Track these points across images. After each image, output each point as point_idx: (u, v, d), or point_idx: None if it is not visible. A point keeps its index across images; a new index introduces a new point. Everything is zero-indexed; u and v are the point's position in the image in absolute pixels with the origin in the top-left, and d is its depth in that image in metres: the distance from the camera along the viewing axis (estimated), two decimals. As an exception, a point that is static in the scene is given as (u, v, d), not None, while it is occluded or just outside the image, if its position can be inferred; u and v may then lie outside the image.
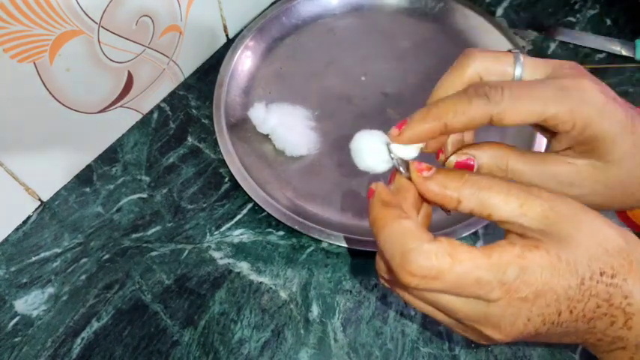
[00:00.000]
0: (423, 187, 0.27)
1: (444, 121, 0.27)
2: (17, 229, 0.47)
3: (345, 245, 0.44)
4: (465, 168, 0.29)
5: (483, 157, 0.29)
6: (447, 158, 0.30)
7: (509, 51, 0.29)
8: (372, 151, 0.29)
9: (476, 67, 0.28)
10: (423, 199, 0.28)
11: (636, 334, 0.24)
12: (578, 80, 0.27)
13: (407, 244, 0.24)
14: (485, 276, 0.23)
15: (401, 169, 0.28)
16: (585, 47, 0.60)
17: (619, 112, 0.26)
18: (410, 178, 0.28)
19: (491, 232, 0.46)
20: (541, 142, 0.49)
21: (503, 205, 0.25)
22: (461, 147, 0.30)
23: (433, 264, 0.23)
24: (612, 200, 0.29)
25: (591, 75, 0.27)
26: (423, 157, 0.29)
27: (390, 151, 0.29)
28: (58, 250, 0.46)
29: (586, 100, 0.26)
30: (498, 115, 0.26)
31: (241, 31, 0.57)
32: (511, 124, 0.26)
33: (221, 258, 0.46)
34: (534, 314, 0.24)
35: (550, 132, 0.29)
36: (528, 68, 0.28)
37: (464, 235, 0.44)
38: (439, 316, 0.27)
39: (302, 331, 0.42)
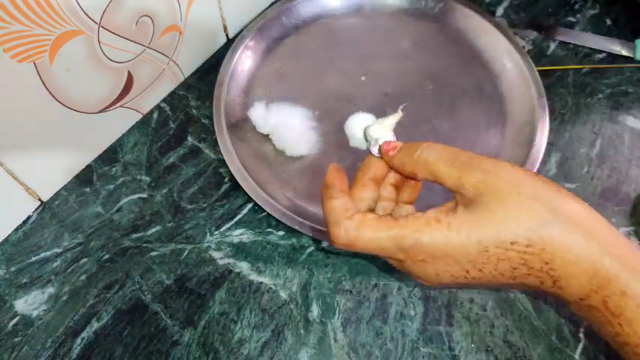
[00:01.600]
0: (390, 164, 0.33)
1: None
2: (17, 229, 0.47)
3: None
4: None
5: None
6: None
7: None
8: (356, 133, 0.36)
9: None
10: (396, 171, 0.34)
11: (570, 293, 0.27)
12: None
13: (330, 218, 0.31)
14: (386, 245, 0.29)
15: (371, 148, 0.34)
16: (585, 47, 0.60)
17: None
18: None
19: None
20: (540, 142, 0.49)
21: (447, 177, 0.29)
22: None
23: (345, 237, 0.30)
24: None
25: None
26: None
27: (365, 135, 0.35)
28: (58, 250, 0.46)
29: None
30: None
31: (241, 31, 0.57)
32: None
33: (221, 258, 0.46)
34: (440, 270, 0.29)
35: None
36: None
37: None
38: None
39: (302, 331, 0.42)
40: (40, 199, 0.48)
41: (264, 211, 0.46)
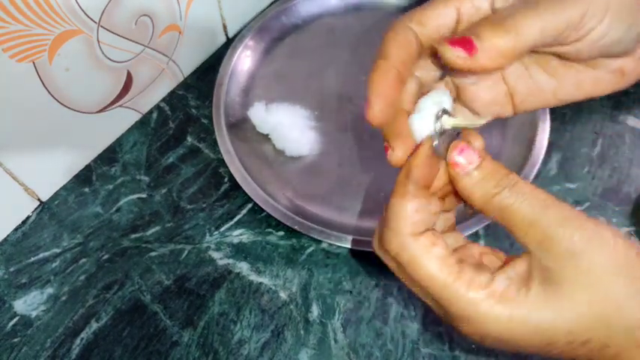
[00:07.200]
0: (457, 183, 0.25)
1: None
2: (16, 229, 0.47)
3: (346, 245, 0.44)
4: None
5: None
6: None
7: None
8: (421, 114, 0.26)
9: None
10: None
11: None
12: None
13: (391, 222, 0.25)
14: (435, 290, 0.24)
15: (437, 145, 0.25)
16: (586, 47, 0.60)
17: None
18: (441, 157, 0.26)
19: (491, 232, 0.46)
20: (541, 142, 0.48)
21: (524, 235, 0.24)
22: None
23: (397, 252, 0.26)
24: None
25: None
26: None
27: (436, 120, 0.25)
28: (57, 251, 0.46)
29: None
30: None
31: (241, 30, 0.57)
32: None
33: (221, 258, 0.46)
34: (487, 344, 0.24)
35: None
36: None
37: (465, 234, 0.44)
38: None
39: (302, 332, 0.42)
40: (39, 199, 0.48)
41: (264, 211, 0.46)
